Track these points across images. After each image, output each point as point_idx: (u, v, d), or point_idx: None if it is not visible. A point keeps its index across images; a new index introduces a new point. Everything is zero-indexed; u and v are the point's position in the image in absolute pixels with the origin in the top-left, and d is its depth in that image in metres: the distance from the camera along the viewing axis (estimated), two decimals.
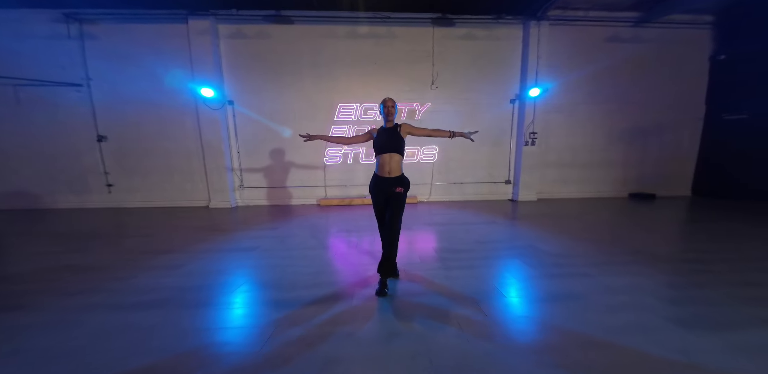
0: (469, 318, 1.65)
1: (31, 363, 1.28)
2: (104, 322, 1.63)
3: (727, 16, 5.33)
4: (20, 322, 1.63)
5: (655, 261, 2.54)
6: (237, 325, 1.61)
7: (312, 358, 1.31)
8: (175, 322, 1.64)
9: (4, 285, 2.13)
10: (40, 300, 1.88)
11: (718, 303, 1.82)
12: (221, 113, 5.35)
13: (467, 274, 2.31)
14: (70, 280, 2.20)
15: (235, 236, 3.52)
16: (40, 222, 4.40)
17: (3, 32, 4.86)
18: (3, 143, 5.13)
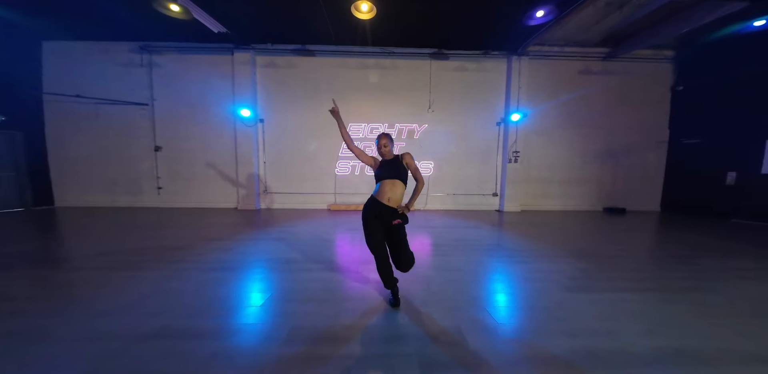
0: (431, 275, 2.53)
1: (164, 296, 2.22)
2: (196, 277, 2.58)
3: (685, 51, 6.17)
4: (146, 276, 2.59)
5: (584, 255, 3.35)
6: (277, 281, 2.54)
7: (317, 290, 2.21)
8: (238, 278, 2.58)
9: (124, 256, 3.13)
10: (152, 266, 2.85)
11: (602, 279, 2.63)
12: (254, 130, 6.46)
13: (441, 259, 3.19)
14: (167, 254, 3.18)
15: (266, 230, 4.50)
16: (113, 216, 5.51)
17: (91, 59, 6.16)
18: (82, 150, 6.36)
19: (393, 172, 2.06)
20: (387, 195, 2.02)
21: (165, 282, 2.46)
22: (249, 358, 1.50)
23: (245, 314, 1.97)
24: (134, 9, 4.90)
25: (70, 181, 6.42)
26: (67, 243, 3.62)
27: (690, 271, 2.89)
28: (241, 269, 2.82)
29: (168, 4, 4.08)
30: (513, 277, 2.72)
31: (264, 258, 3.14)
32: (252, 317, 1.93)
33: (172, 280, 2.51)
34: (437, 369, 1.42)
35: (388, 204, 2.02)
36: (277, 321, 1.87)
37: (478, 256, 3.32)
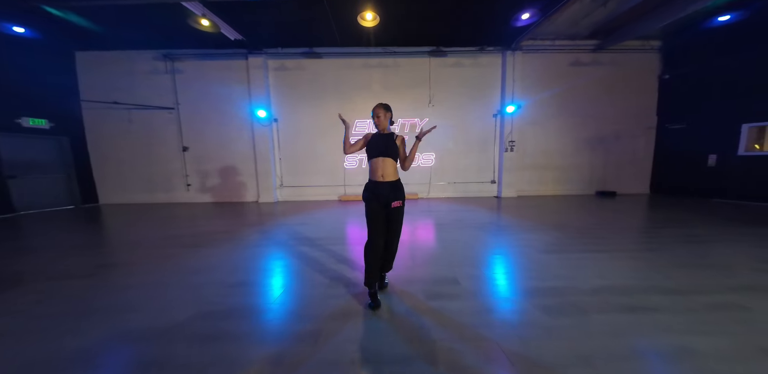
0: (433, 245, 3.15)
1: (234, 262, 2.89)
2: (244, 251, 3.25)
3: (670, 42, 6.47)
4: (211, 252, 3.27)
5: (563, 228, 3.91)
6: (306, 254, 3.20)
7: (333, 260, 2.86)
8: (277, 257, 3.25)
9: (187, 238, 3.82)
10: (213, 244, 3.52)
11: (570, 244, 3.20)
12: (269, 129, 7.07)
13: (442, 234, 3.79)
14: (217, 237, 3.86)
15: (288, 218, 5.16)
16: (156, 210, 6.26)
17: (119, 68, 6.79)
18: (120, 153, 7.09)
19: (382, 147, 2.03)
20: (379, 172, 2.02)
21: (229, 254, 3.14)
22: (303, 298, 2.16)
23: (293, 272, 2.64)
24: (161, 21, 5.47)
25: (111, 181, 7.19)
26: (132, 232, 4.34)
27: (647, 238, 3.45)
28: (282, 244, 3.49)
29: (199, 19, 4.63)
30: (500, 244, 3.32)
31: (294, 237, 3.80)
32: (300, 277, 2.59)
33: (235, 251, 3.20)
34: (437, 299, 2.05)
35: (383, 181, 2.02)
36: (325, 274, 2.53)
37: (473, 231, 3.92)
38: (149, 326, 1.74)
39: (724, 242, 3.20)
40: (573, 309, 1.86)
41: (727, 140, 5.64)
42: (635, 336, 1.56)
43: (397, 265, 2.63)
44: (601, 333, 1.59)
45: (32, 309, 1.99)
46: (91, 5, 4.70)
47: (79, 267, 2.83)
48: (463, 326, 1.68)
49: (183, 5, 4.66)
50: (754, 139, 5.49)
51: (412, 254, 2.99)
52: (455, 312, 1.83)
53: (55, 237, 4.01)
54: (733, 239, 3.31)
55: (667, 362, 1.36)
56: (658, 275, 2.37)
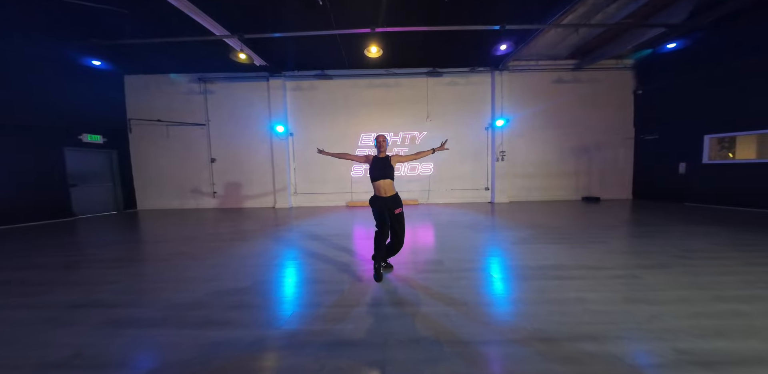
0: (430, 239, 3.92)
1: (270, 252, 3.72)
2: (276, 244, 4.07)
3: (641, 60, 7.22)
4: (251, 244, 4.11)
5: (538, 227, 4.62)
6: (321, 249, 4.00)
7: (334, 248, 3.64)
8: (300, 247, 4.06)
9: (227, 235, 4.68)
10: (250, 238, 4.37)
11: (540, 238, 3.91)
12: (286, 142, 8.01)
13: (437, 231, 4.56)
14: (251, 234, 4.72)
15: (305, 221, 5.99)
16: (191, 215, 7.19)
17: (160, 89, 7.88)
18: (157, 164, 8.12)
19: (383, 172, 2.70)
20: (382, 191, 2.69)
21: (265, 246, 3.98)
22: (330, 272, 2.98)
23: (317, 267, 3.45)
24: (201, 54, 6.52)
25: (149, 189, 8.20)
26: (182, 230, 5.24)
27: (603, 234, 4.14)
28: (304, 240, 4.31)
29: (239, 54, 5.66)
30: (481, 239, 4.07)
31: (313, 236, 4.63)
32: (323, 267, 3.40)
33: (268, 245, 4.04)
34: (424, 273, 2.82)
35: (386, 196, 2.70)
36: (346, 259, 3.34)
37: (463, 230, 4.67)
38: (233, 287, 2.57)
39: (661, 237, 3.87)
40: (519, 277, 2.62)
41: (694, 149, 6.28)
42: (553, 292, 2.30)
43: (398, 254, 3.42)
44: (531, 290, 2.34)
45: (150, 277, 2.85)
46: (146, 43, 5.76)
47: (158, 254, 3.74)
48: (439, 289, 2.46)
49: (224, 41, 5.67)
50: (716, 148, 6.13)
51: (410, 246, 3.78)
52: (436, 280, 2.61)
53: (127, 233, 4.96)
54: (672, 235, 3.97)
55: (564, 305, 2.10)
56: (590, 258, 3.09)
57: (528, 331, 1.76)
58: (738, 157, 6.24)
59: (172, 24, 5.11)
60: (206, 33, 5.36)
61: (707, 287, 2.33)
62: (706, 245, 3.45)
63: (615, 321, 1.85)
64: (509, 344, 1.64)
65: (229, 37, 5.47)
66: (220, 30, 5.34)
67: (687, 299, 2.13)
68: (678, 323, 1.81)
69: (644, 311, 1.97)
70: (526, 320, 1.89)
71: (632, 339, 1.66)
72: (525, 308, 2.06)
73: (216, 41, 5.66)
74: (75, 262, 3.43)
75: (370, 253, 3.31)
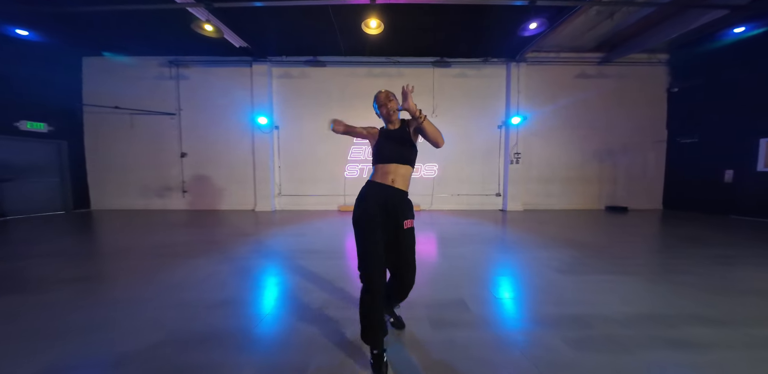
0: (439, 262, 2.89)
1: (219, 276, 2.65)
2: (237, 263, 3.00)
3: (678, 55, 6.40)
4: (200, 262, 3.03)
5: (577, 246, 3.63)
6: (303, 262, 2.95)
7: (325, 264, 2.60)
8: (274, 264, 3.00)
9: (178, 247, 3.59)
10: (202, 254, 3.29)
11: (587, 265, 2.92)
12: (269, 136, 6.97)
13: (447, 250, 3.53)
14: (211, 246, 3.63)
15: (288, 228, 4.92)
16: (150, 217, 6.05)
17: (125, 74, 6.82)
18: (117, 158, 6.98)
19: (397, 151, 1.49)
20: (390, 176, 1.46)
21: (216, 266, 2.89)
22: (293, 322, 1.90)
23: (286, 291, 2.38)
24: (168, 28, 5.50)
25: (106, 186, 7.04)
26: (121, 238, 4.12)
27: (674, 257, 3.16)
28: (275, 257, 3.24)
29: (203, 24, 4.62)
30: (512, 263, 3.05)
31: (292, 249, 3.55)
32: (292, 292, 2.33)
33: (221, 265, 2.95)
34: (444, 327, 1.78)
35: (392, 186, 1.45)
36: (312, 295, 2.26)
37: (480, 247, 3.65)
38: (117, 350, 1.49)
39: (754, 264, 2.91)
40: (607, 342, 1.59)
41: (744, 155, 5.41)
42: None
43: None
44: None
45: None
46: (96, 11, 4.73)
47: (55, 278, 2.59)
48: (478, 363, 1.41)
49: (188, 11, 4.68)
50: None
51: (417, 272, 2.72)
52: (465, 347, 1.56)
53: (37, 245, 3.79)
54: (760, 260, 3.01)
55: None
56: (696, 302, 2.08)
57: None
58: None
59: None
60: (164, 0, 4.36)
61: None
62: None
63: None
64: None
65: (194, 6, 4.48)
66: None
67: None
68: None
69: None
70: None
71: None
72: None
73: (183, 14, 4.66)
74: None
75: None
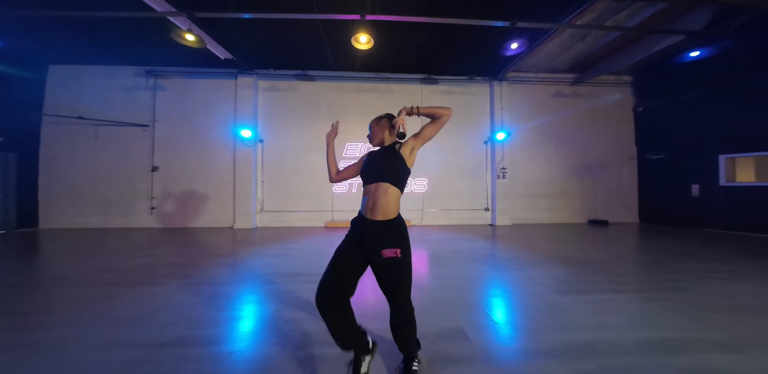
0: (432, 283, 2.66)
1: (175, 308, 2.25)
2: (203, 291, 2.60)
3: (641, 76, 7.04)
4: (156, 290, 2.59)
5: (570, 262, 3.58)
6: (284, 287, 2.60)
7: None
8: (245, 290, 2.63)
9: (132, 273, 3.09)
10: (160, 281, 2.83)
11: (585, 283, 2.83)
12: (253, 150, 6.64)
13: (440, 269, 3.33)
14: (173, 270, 3.16)
15: (269, 247, 4.52)
16: (107, 236, 5.35)
17: (96, 82, 6.33)
18: (76, 172, 6.29)
19: (377, 169, 1.39)
20: (371, 200, 1.34)
21: (174, 296, 2.48)
22: (264, 361, 1.58)
23: (257, 321, 2.04)
24: (144, 36, 5.23)
25: (60, 203, 6.26)
26: (65, 263, 3.52)
27: (666, 273, 3.16)
28: (247, 282, 2.86)
29: (184, 34, 4.41)
30: (508, 283, 2.89)
31: (271, 272, 3.19)
32: (264, 324, 1.99)
33: (181, 294, 2.53)
34: (442, 362, 1.55)
35: (372, 219, 1.32)
36: (288, 327, 1.94)
37: (474, 265, 3.49)
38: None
39: (748, 279, 2.96)
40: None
41: (707, 170, 5.84)
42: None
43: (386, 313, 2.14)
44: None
45: None
46: (70, 17, 4.41)
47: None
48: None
49: (168, 19, 4.49)
50: (732, 169, 5.71)
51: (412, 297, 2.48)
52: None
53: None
54: (747, 273, 3.09)
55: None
56: (701, 322, 2.00)
57: None
58: (738, 180, 5.86)
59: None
60: (143, 8, 4.16)
61: None
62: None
63: None
64: None
65: (175, 15, 4.30)
66: (162, 5, 4.17)
67: None
68: None
69: None
70: None
71: None
72: None
73: (163, 23, 4.47)
74: None
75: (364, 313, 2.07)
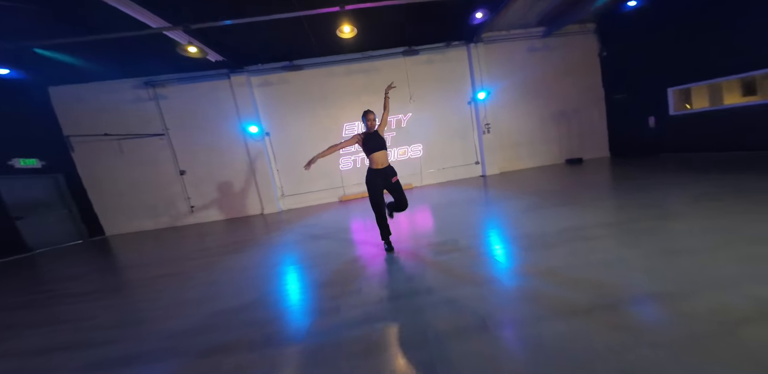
0: (436, 216, 3.79)
1: (278, 254, 3.37)
2: (273, 256, 3.70)
3: (602, 23, 7.50)
4: (250, 255, 3.69)
5: (538, 193, 4.69)
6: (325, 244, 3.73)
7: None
8: (300, 250, 3.75)
9: (225, 248, 4.19)
10: (249, 249, 3.92)
11: (542, 204, 3.95)
12: (263, 143, 7.37)
13: (441, 212, 4.44)
14: (243, 247, 4.24)
15: (297, 223, 5.55)
16: (166, 234, 6.41)
17: (104, 99, 6.77)
18: (116, 183, 7.09)
19: (379, 143, 2.83)
20: (380, 161, 2.84)
21: (261, 255, 3.60)
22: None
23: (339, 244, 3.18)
24: (141, 51, 5.60)
25: (114, 212, 7.19)
26: (161, 251, 4.63)
27: (602, 192, 4.29)
28: (303, 242, 3.98)
29: (186, 47, 4.89)
30: (488, 212, 4.07)
31: (315, 233, 4.31)
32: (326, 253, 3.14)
33: (265, 253, 3.66)
34: (444, 254, 2.70)
35: (383, 168, 2.86)
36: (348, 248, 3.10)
37: (466, 206, 4.63)
38: (237, 304, 2.26)
39: (660, 188, 4.04)
40: (544, 244, 2.58)
41: (660, 103, 6.73)
42: (591, 254, 2.26)
43: (407, 237, 3.33)
44: (564, 255, 2.30)
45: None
46: (74, 42, 4.81)
47: (140, 278, 3.27)
48: (465, 269, 2.36)
49: (166, 35, 4.88)
50: (680, 100, 6.61)
51: (418, 230, 3.63)
52: (459, 260, 2.52)
53: (96, 262, 4.28)
54: (669, 184, 4.18)
55: (605, 267, 2.04)
56: (606, 216, 3.14)
57: (585, 305, 1.60)
58: (695, 107, 6.79)
59: (94, 17, 4.28)
60: (141, 26, 4.55)
61: (737, 229, 2.32)
62: (709, 189, 3.57)
63: (668, 278, 1.77)
64: (569, 318, 1.51)
65: (172, 29, 4.71)
66: (157, 21, 4.56)
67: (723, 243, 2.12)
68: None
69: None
70: (574, 291, 1.76)
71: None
72: (564, 276, 1.96)
73: (156, 36, 4.86)
74: (38, 301, 2.92)
75: (377, 243, 3.28)
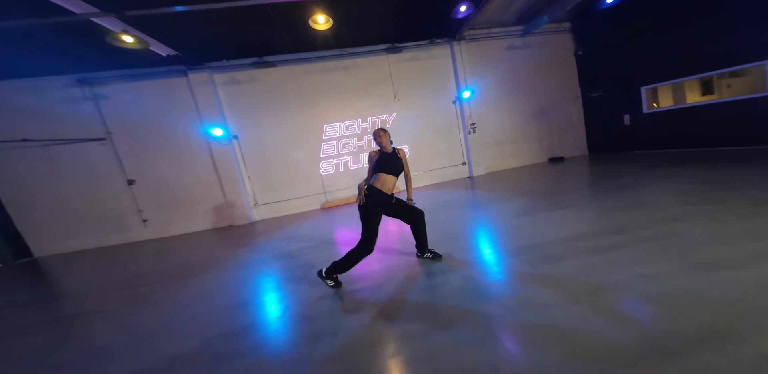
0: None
1: (229, 284, 2.70)
2: (241, 272, 3.05)
3: (577, 22, 7.70)
4: (198, 280, 2.98)
5: (528, 194, 4.50)
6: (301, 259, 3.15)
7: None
8: (275, 264, 3.14)
9: (154, 275, 3.38)
10: (200, 273, 3.20)
11: (536, 207, 3.73)
12: (230, 147, 6.50)
13: (430, 217, 4.05)
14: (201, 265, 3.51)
15: (276, 233, 4.90)
16: (108, 254, 5.30)
17: (25, 99, 5.51)
18: (45, 197, 5.82)
19: (394, 166, 2.47)
20: (387, 186, 2.43)
21: (218, 279, 2.92)
22: None
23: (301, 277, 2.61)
24: (67, 43, 4.55)
25: (43, 230, 5.87)
26: (91, 278, 3.69)
27: (597, 191, 4.18)
28: (271, 261, 3.37)
29: (119, 35, 4.00)
30: (480, 217, 3.79)
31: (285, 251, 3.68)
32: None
33: (225, 274, 2.98)
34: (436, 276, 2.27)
35: (389, 194, 2.49)
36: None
37: (456, 210, 4.37)
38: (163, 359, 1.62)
39: (647, 186, 3.99)
40: (552, 258, 2.26)
41: (634, 101, 6.98)
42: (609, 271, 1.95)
43: (393, 250, 2.89)
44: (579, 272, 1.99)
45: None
46: None
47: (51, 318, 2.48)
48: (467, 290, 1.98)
49: (95, 22, 3.95)
50: (650, 98, 6.91)
51: (406, 239, 3.22)
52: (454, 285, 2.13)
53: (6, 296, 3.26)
54: (653, 181, 4.15)
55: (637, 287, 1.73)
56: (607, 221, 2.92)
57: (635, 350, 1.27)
58: (662, 105, 7.16)
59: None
60: (58, 12, 3.61)
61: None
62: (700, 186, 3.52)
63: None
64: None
65: (101, 15, 3.80)
66: (83, 6, 3.66)
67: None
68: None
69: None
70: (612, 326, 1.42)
71: None
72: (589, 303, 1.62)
73: (87, 25, 3.93)
74: None
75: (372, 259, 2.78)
